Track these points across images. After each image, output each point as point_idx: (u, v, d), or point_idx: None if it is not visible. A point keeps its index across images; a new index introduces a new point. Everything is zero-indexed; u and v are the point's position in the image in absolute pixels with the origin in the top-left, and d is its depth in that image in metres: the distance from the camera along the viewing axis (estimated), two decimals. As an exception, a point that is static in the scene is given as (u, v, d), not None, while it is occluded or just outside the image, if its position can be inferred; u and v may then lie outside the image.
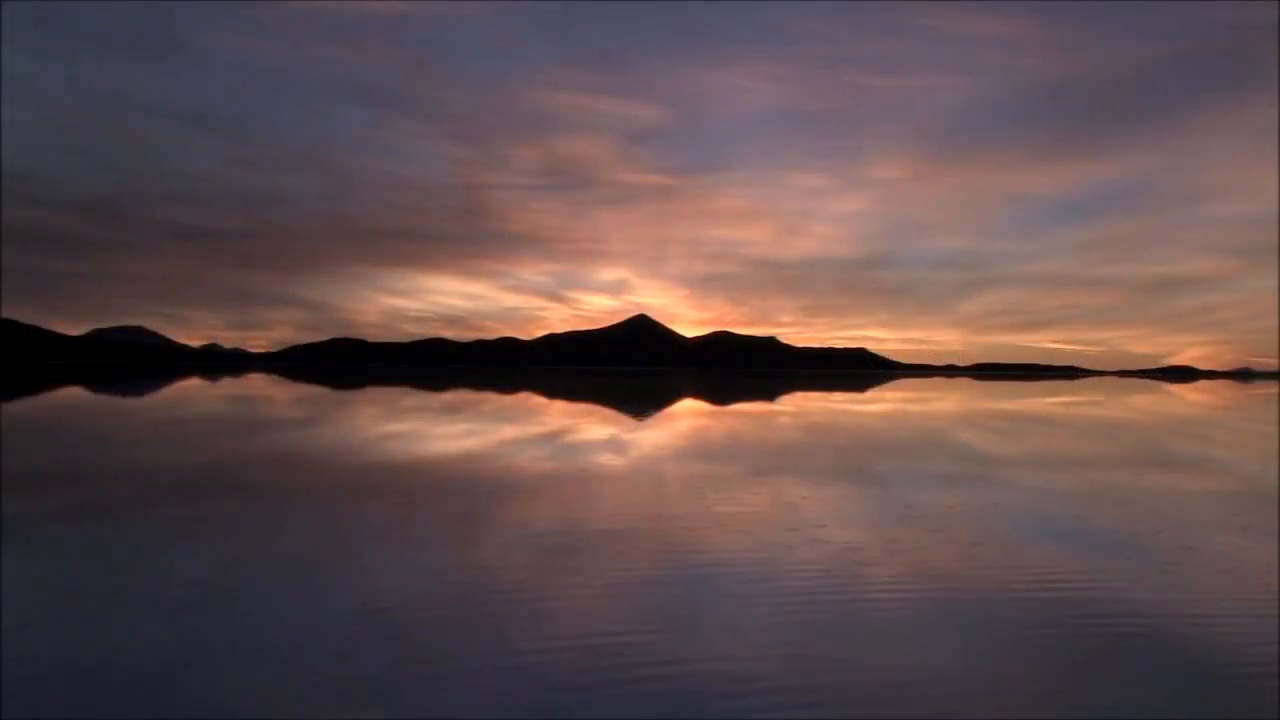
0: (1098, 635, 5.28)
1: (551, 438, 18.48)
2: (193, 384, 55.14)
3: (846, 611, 5.72)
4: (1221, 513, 9.78)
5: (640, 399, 39.91)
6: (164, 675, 4.46)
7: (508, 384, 60.34)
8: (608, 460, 14.25)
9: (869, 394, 51.56)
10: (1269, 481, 12.62)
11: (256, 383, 59.62)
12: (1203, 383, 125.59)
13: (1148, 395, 56.59)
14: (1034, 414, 31.52)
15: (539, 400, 36.81)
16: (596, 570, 6.76)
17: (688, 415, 28.14)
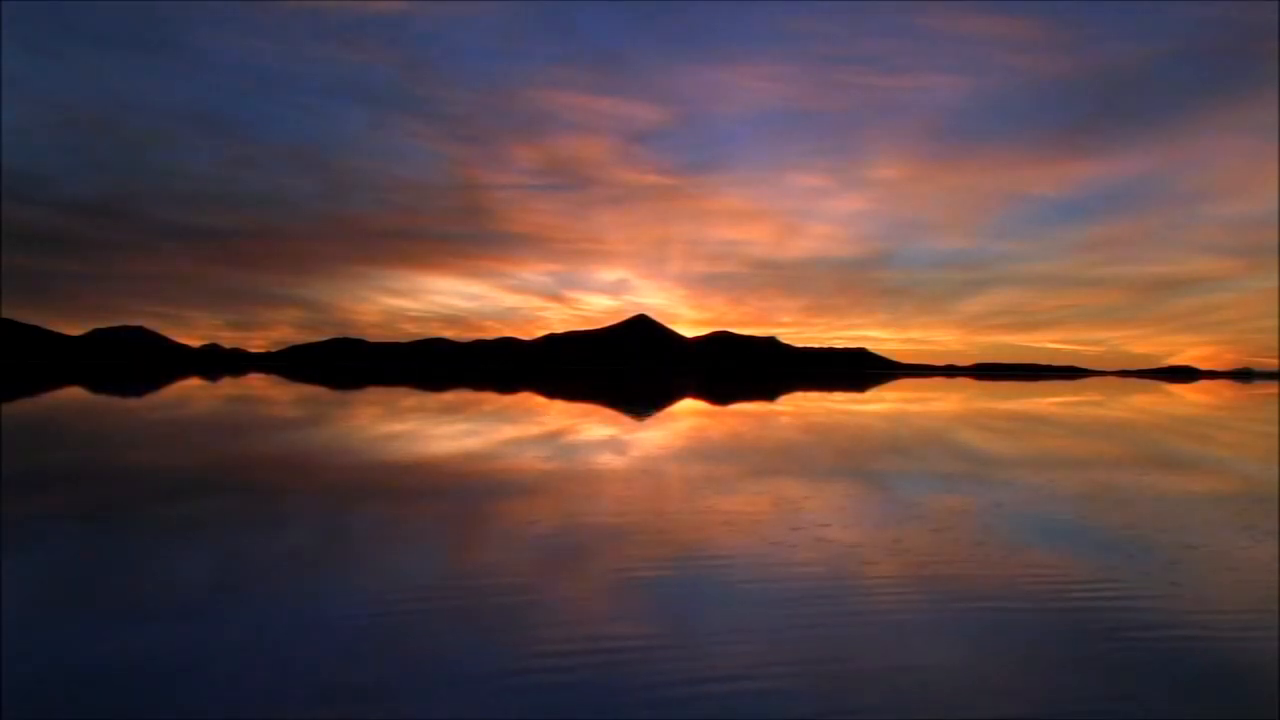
0: (1096, 634, 5.28)
1: (551, 438, 18.48)
2: (192, 384, 55.14)
3: (847, 611, 5.72)
4: (1222, 513, 9.79)
5: (640, 399, 39.91)
6: (164, 676, 4.47)
7: (507, 384, 60.32)
8: (608, 460, 14.25)
9: (869, 394, 51.56)
10: (1269, 482, 12.62)
11: (256, 383, 59.61)
12: (1203, 383, 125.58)
13: (1148, 395, 56.59)
14: (1034, 414, 31.51)
15: (539, 400, 36.80)
16: (597, 570, 6.76)
17: (688, 415, 28.14)
